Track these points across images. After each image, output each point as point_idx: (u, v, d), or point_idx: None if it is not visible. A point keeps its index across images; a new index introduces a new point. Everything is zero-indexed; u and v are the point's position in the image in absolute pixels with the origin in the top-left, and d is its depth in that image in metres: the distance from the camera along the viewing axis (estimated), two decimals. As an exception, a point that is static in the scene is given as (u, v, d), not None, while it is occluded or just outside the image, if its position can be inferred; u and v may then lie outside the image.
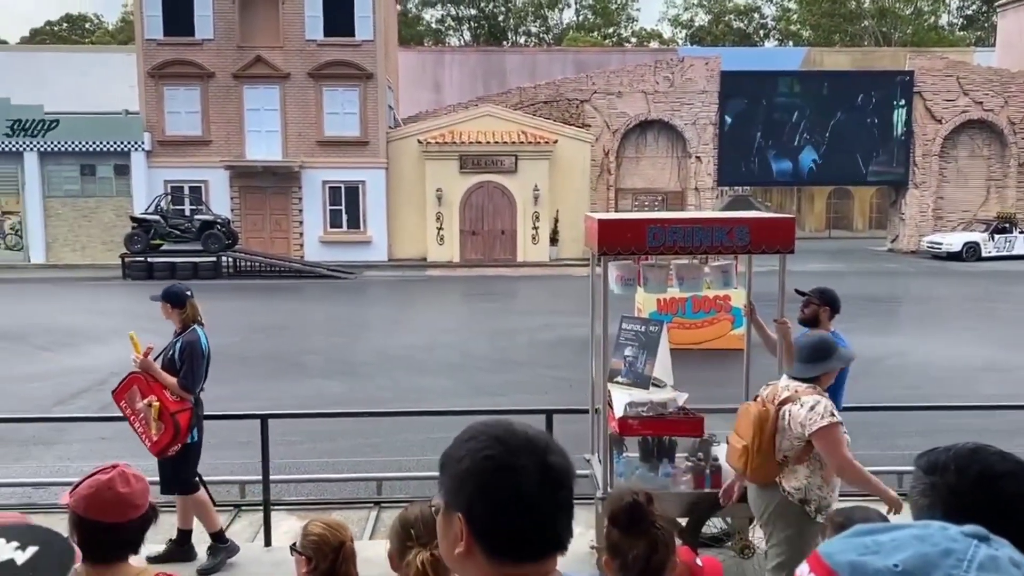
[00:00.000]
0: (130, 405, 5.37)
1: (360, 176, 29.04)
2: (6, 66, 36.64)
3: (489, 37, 58.25)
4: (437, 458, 3.71)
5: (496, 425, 1.27)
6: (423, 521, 2.41)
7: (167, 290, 5.64)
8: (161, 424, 5.26)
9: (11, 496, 7.18)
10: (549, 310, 19.35)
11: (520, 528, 1.21)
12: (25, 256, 28.61)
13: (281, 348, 14.66)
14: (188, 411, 5.39)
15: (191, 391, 5.42)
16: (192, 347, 5.42)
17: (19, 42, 55.15)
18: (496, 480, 1.20)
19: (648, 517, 2.57)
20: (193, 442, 5.48)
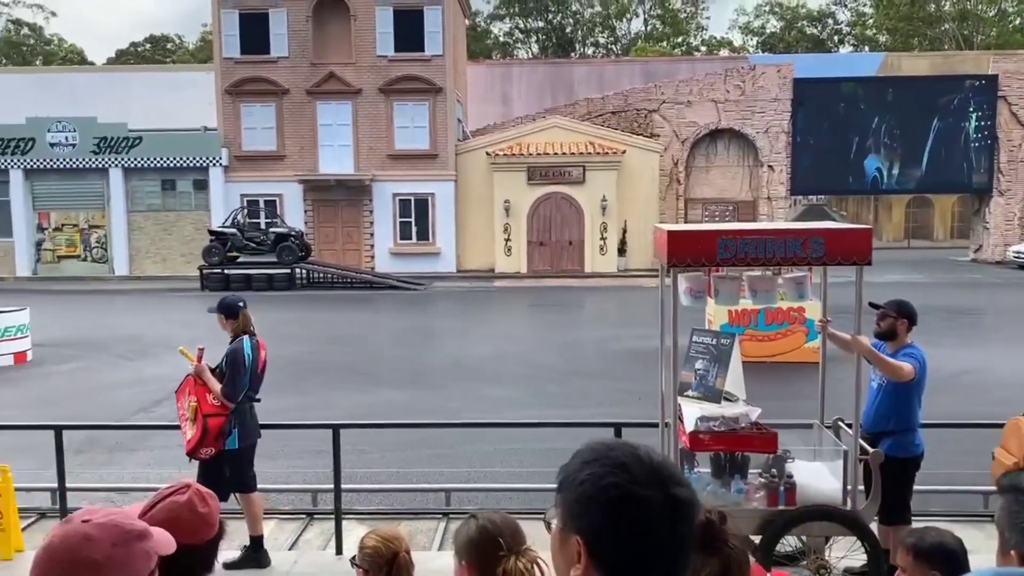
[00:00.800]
0: (183, 405, 5.60)
1: (429, 188, 29.39)
2: (93, 86, 38.28)
3: (557, 49, 58.39)
4: (505, 469, 3.70)
5: (619, 448, 1.25)
6: (509, 529, 2.39)
7: (221, 301, 5.84)
8: (195, 424, 5.43)
9: (96, 500, 7.43)
10: (617, 321, 19.23)
11: (641, 559, 1.20)
12: (110, 268, 29.76)
13: (353, 358, 14.89)
14: (222, 417, 5.49)
15: (232, 400, 5.51)
16: (235, 357, 5.57)
17: (105, 63, 57.65)
18: (619, 510, 1.19)
19: (721, 536, 2.51)
20: (234, 448, 5.55)
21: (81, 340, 16.36)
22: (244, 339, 5.66)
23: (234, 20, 29.14)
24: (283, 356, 15.09)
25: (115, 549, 1.46)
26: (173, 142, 29.31)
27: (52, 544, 1.44)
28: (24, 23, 61.39)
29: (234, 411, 5.54)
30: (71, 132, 29.06)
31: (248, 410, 5.69)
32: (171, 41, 63.95)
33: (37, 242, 29.90)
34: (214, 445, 5.44)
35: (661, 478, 1.20)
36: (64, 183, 29.56)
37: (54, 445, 6.15)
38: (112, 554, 1.44)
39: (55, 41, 62.34)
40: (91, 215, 29.87)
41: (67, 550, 1.43)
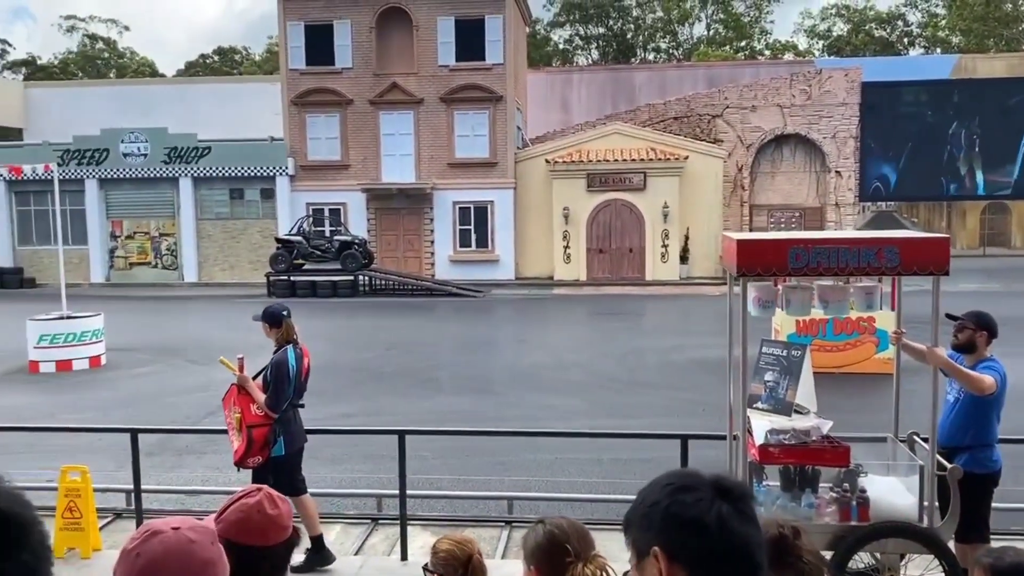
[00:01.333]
0: (229, 414, 5.65)
1: (489, 196, 29.53)
2: (164, 98, 39.55)
3: (618, 55, 58.15)
4: (567, 479, 3.64)
5: (684, 470, 1.40)
6: (576, 534, 2.36)
7: (265, 310, 5.85)
8: (240, 435, 5.48)
9: (166, 502, 7.63)
10: (680, 330, 18.99)
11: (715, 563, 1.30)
12: (179, 275, 30.61)
13: (413, 364, 15.01)
14: (266, 428, 5.53)
15: (275, 410, 5.56)
16: (279, 367, 5.60)
17: (175, 75, 59.49)
18: (685, 519, 1.30)
19: (795, 551, 2.44)
20: (281, 455, 5.59)
21: (152, 345, 16.84)
22: (288, 349, 5.70)
23: (300, 32, 29.76)
24: (346, 362, 15.32)
25: (215, 547, 1.53)
26: (241, 152, 30.03)
27: (154, 555, 1.47)
28: (99, 38, 63.77)
29: (278, 419, 5.59)
30: (143, 143, 30.00)
31: (293, 416, 5.73)
32: (238, 53, 65.64)
33: (110, 249, 30.92)
34: (260, 454, 5.50)
35: (723, 487, 1.33)
36: (136, 192, 30.53)
37: (129, 448, 6.31)
38: (215, 551, 1.52)
39: (128, 55, 64.56)
40: (162, 223, 30.77)
41: (179, 556, 1.47)
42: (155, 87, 43.00)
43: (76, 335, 14.80)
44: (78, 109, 38.97)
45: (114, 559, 1.51)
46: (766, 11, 59.08)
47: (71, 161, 29.32)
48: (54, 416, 11.20)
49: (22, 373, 14.46)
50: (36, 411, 11.39)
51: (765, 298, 5.23)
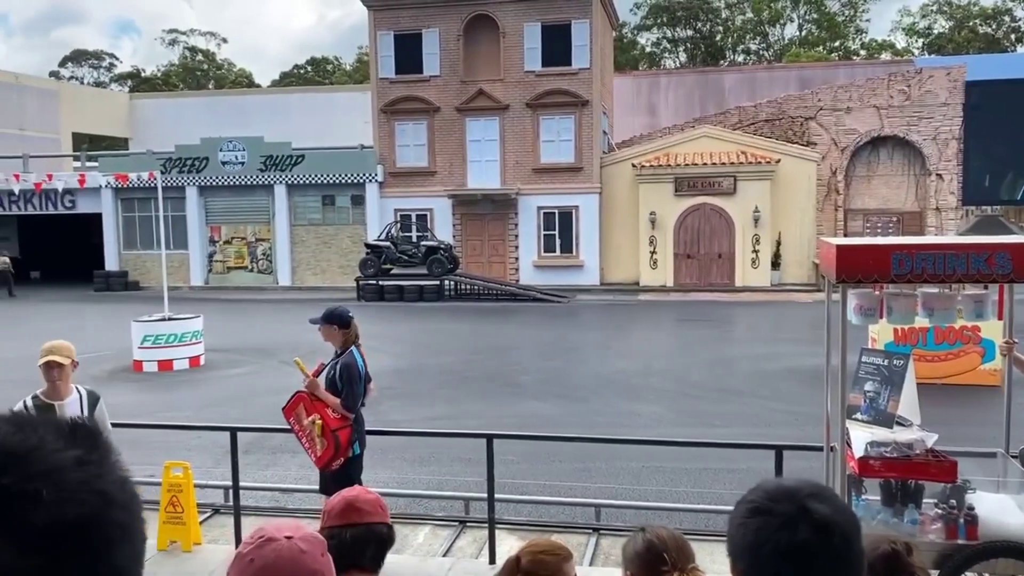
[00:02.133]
0: (298, 421, 5.66)
1: (574, 201, 29.46)
2: (260, 107, 40.99)
3: (706, 57, 57.27)
4: (655, 487, 3.60)
5: (765, 482, 1.38)
6: (675, 545, 2.34)
7: (333, 312, 5.82)
8: (324, 440, 5.52)
9: (261, 499, 7.84)
10: (772, 338, 18.51)
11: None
12: (274, 279, 31.58)
13: (498, 369, 15.07)
14: (348, 428, 5.60)
15: (352, 410, 5.62)
16: (349, 369, 5.61)
17: (270, 85, 61.53)
18: (757, 528, 1.29)
19: (907, 568, 2.34)
20: (355, 455, 5.70)
21: (248, 346, 17.40)
22: (354, 351, 5.72)
23: (389, 41, 30.35)
24: (432, 365, 15.52)
25: (324, 558, 1.63)
26: (332, 160, 30.80)
27: (267, 561, 1.56)
28: (199, 50, 66.54)
29: (355, 420, 5.68)
30: (240, 151, 31.08)
31: (361, 418, 5.83)
32: (330, 63, 67.44)
33: (209, 254, 32.13)
34: (344, 455, 5.60)
35: (796, 496, 1.29)
36: (234, 199, 31.65)
37: (227, 445, 6.52)
38: (325, 562, 1.62)
39: (226, 66, 67.15)
40: (257, 229, 31.81)
41: (290, 564, 1.56)
42: (251, 97, 44.58)
43: (177, 336, 15.42)
44: (179, 119, 40.77)
45: (213, 553, 1.60)
46: (861, 10, 57.20)
47: (173, 169, 30.61)
48: (157, 414, 11.69)
49: (127, 372, 15.14)
50: (140, 408, 11.90)
51: (867, 306, 5.03)
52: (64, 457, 0.72)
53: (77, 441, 0.75)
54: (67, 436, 0.75)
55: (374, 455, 9.38)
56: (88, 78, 61.99)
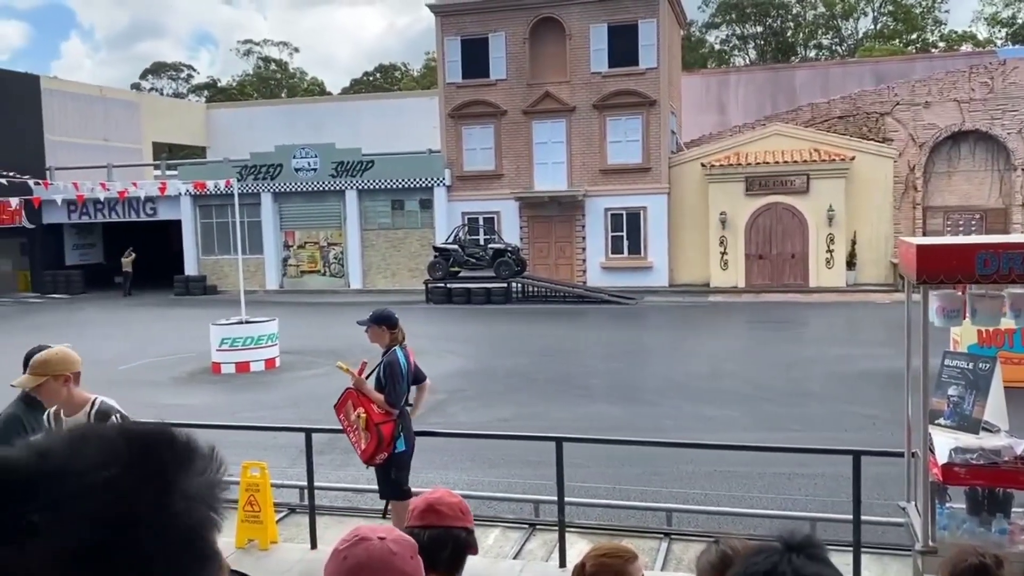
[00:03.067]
0: (347, 417, 5.93)
1: (642, 202, 29.21)
2: (331, 115, 41.80)
3: (776, 54, 56.13)
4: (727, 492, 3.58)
5: None
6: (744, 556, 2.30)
7: (381, 314, 6.09)
8: (368, 434, 5.76)
9: (335, 499, 7.99)
10: (848, 339, 18.04)
11: None
12: (346, 282, 32.15)
13: (566, 371, 15.04)
14: (391, 423, 5.84)
15: (395, 406, 5.87)
16: (392, 367, 5.88)
17: (340, 92, 62.72)
18: None
19: (997, 582, 2.25)
20: (401, 451, 5.91)
21: (321, 348, 17.74)
22: (396, 350, 5.97)
23: (456, 46, 30.61)
24: (500, 367, 15.57)
25: (414, 561, 1.72)
26: (401, 164, 31.21)
27: (360, 559, 1.66)
28: (272, 60, 68.25)
29: (399, 416, 5.90)
30: (313, 158, 31.75)
31: (406, 415, 6.03)
32: (398, 69, 68.41)
33: (283, 258, 32.89)
34: (387, 450, 5.82)
35: (791, 542, 1.43)
36: (306, 204, 32.34)
37: (302, 446, 6.67)
38: (414, 565, 1.72)
39: (298, 75, 68.72)
40: (330, 233, 32.43)
41: (380, 563, 1.66)
42: (323, 105, 45.52)
43: (254, 339, 15.83)
44: (254, 127, 41.88)
45: (289, 551, 1.71)
46: (940, 0, 55.28)
47: (248, 176, 31.44)
48: (235, 414, 12.01)
49: (206, 374, 15.61)
50: (219, 409, 12.26)
51: (950, 307, 4.86)
52: (85, 482, 0.68)
53: (124, 457, 0.70)
54: (113, 453, 0.71)
55: (443, 456, 9.49)
56: (167, 89, 64.22)
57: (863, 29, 57.03)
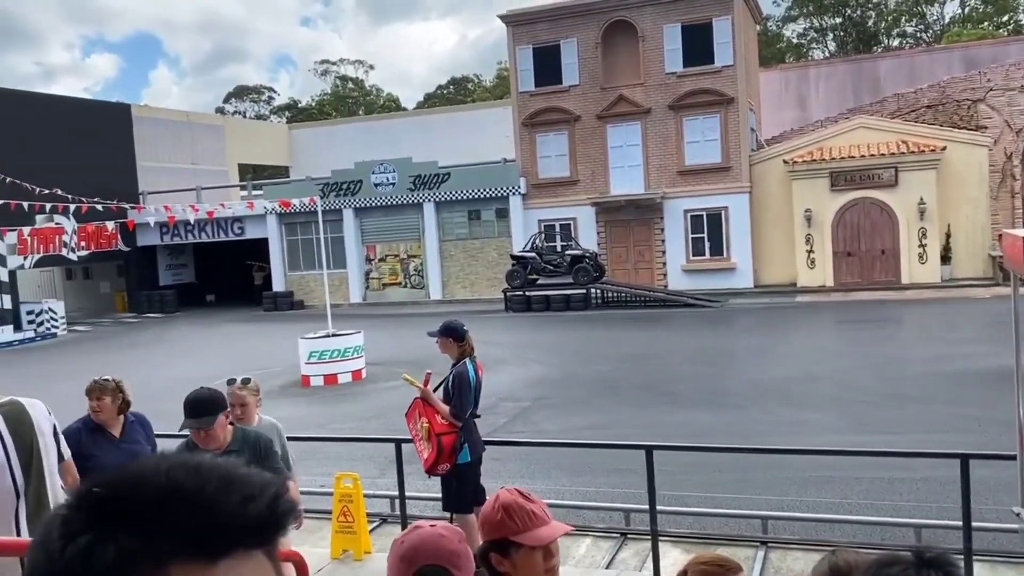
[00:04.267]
0: (414, 426, 5.95)
1: (722, 202, 28.68)
2: (406, 129, 42.48)
3: (858, 44, 54.46)
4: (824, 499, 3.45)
5: None
6: (859, 570, 2.20)
7: (448, 325, 6.07)
8: (428, 444, 5.74)
9: (424, 508, 8.03)
10: (945, 337, 17.29)
11: None
12: (426, 293, 32.54)
13: (650, 377, 14.84)
14: (453, 434, 5.81)
15: (459, 418, 5.84)
16: (461, 378, 5.87)
17: (415, 107, 63.71)
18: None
19: None
20: (466, 462, 5.85)
21: (405, 359, 17.95)
22: (466, 362, 5.96)
23: (528, 55, 30.70)
24: (583, 374, 15.47)
25: (461, 544, 1.94)
26: (477, 175, 31.45)
27: (413, 542, 1.92)
28: (349, 78, 69.82)
29: (463, 427, 5.86)
30: (391, 172, 32.28)
31: (473, 426, 6.00)
32: (471, 81, 69.08)
33: (366, 272, 33.51)
34: (448, 461, 5.78)
35: (925, 557, 1.37)
36: (386, 218, 32.89)
37: (391, 455, 6.73)
38: (461, 547, 1.94)
39: (374, 92, 70.11)
40: (409, 246, 32.90)
41: (431, 543, 1.91)
42: (399, 120, 46.31)
43: (340, 351, 16.15)
44: (334, 145, 42.90)
45: (382, 562, 1.89)
46: (1033, -21, 52.69)
47: (330, 193, 32.17)
48: (325, 426, 12.27)
49: (296, 386, 15.99)
50: (310, 421, 12.52)
51: (1063, 300, 4.58)
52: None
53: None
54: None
55: (528, 465, 9.46)
56: (250, 112, 66.39)
57: (949, 14, 54.90)
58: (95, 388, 4.70)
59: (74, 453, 4.28)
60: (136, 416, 4.88)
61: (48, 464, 3.71)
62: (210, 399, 4.38)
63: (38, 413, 3.72)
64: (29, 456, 3.61)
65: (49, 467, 3.72)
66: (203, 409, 4.29)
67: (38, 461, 3.65)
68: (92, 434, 4.62)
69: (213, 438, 4.32)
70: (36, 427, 3.68)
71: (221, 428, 4.37)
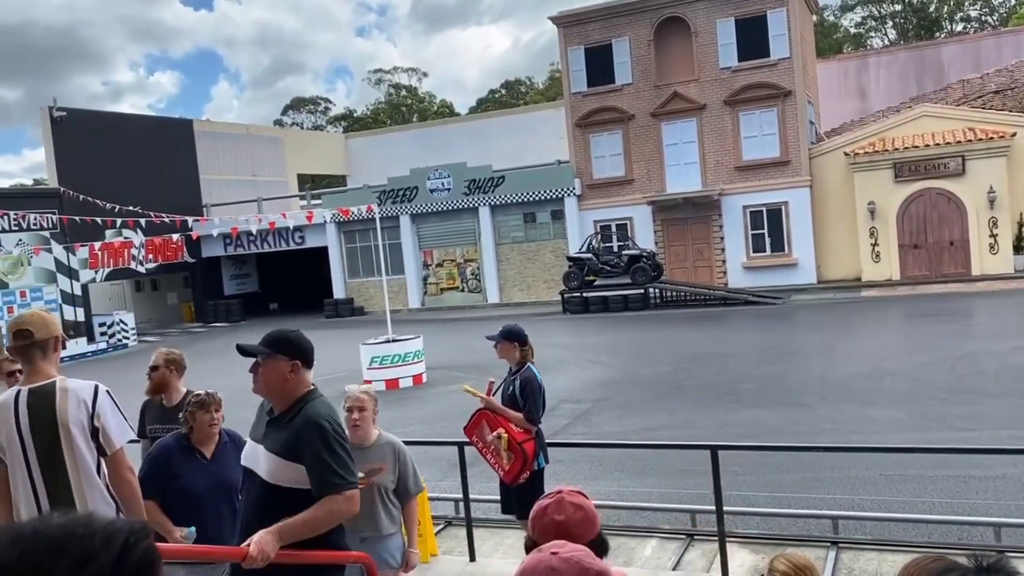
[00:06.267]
0: (481, 439, 5.82)
1: (782, 197, 28.17)
2: (461, 135, 42.76)
3: (919, 31, 53.00)
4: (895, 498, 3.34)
5: None
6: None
7: (511, 330, 5.94)
8: (511, 454, 5.63)
9: (488, 511, 8.05)
10: (1020, 330, 16.69)
11: None
12: (483, 297, 32.67)
13: (713, 376, 14.64)
14: (532, 440, 5.70)
15: (535, 423, 5.74)
16: (531, 383, 5.74)
17: (468, 112, 64.08)
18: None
19: None
20: (540, 468, 5.77)
21: (465, 363, 18.07)
22: (531, 366, 5.86)
23: (580, 56, 30.61)
24: (645, 375, 15.35)
25: None
26: (531, 178, 31.48)
27: (524, 571, 1.62)
28: (402, 86, 70.57)
29: (537, 433, 5.78)
30: (446, 178, 32.52)
31: (541, 431, 5.90)
32: (523, 84, 69.20)
33: (423, 277, 33.81)
34: (530, 468, 5.69)
35: (985, 564, 1.30)
36: (442, 224, 33.14)
37: (454, 458, 6.77)
38: None
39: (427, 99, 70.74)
40: (466, 250, 33.08)
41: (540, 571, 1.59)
42: (452, 126, 46.63)
43: (401, 356, 16.33)
44: (389, 153, 43.41)
45: (449, 564, 1.71)
46: (1105, -46, 50.63)
47: (387, 200, 32.56)
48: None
49: (358, 392, 16.18)
50: (372, 426, 12.64)
51: None
52: None
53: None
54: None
55: (592, 468, 9.42)
56: (307, 123, 67.59)
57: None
58: (208, 402, 4.35)
59: (161, 471, 4.22)
60: (230, 435, 4.50)
61: (76, 457, 3.43)
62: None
63: (71, 401, 3.42)
64: (48, 445, 3.39)
65: (78, 460, 3.43)
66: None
67: (59, 451, 3.41)
68: (184, 452, 4.33)
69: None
70: (61, 416, 3.39)
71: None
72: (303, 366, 3.32)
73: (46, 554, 0.63)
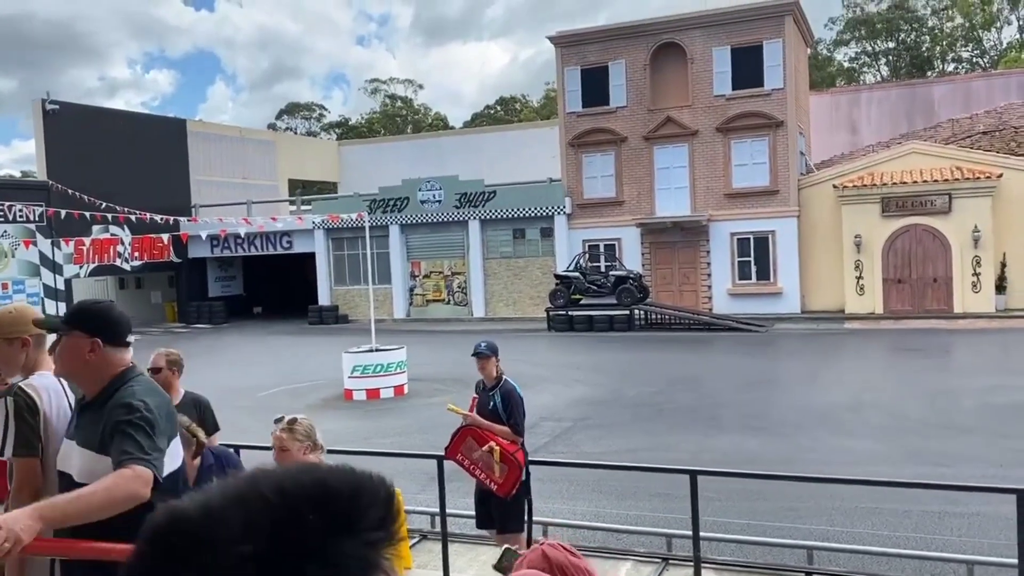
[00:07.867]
0: (467, 456, 5.87)
1: (769, 226, 28.37)
2: (454, 148, 42.87)
3: (911, 69, 53.67)
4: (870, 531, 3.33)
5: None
6: None
7: (490, 345, 6.14)
8: (504, 466, 5.70)
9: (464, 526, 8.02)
10: (1000, 368, 16.83)
11: None
12: (469, 310, 32.66)
13: (695, 401, 14.68)
14: (521, 451, 5.88)
15: (521, 433, 5.91)
16: (512, 395, 5.95)
17: (462, 126, 64.25)
18: None
19: None
20: (528, 478, 5.93)
21: (447, 375, 18.03)
22: (509, 380, 6.06)
23: (576, 76, 30.81)
24: (627, 396, 15.36)
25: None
26: (522, 194, 31.57)
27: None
28: (398, 97, 70.70)
29: (521, 444, 5.94)
30: (438, 190, 32.56)
31: (524, 444, 6.05)
32: (518, 101, 69.48)
33: (410, 288, 33.77)
34: (522, 477, 5.83)
35: None
36: (431, 235, 33.16)
37: (432, 472, 6.75)
38: None
39: (422, 111, 70.88)
40: (453, 263, 33.09)
41: None
42: (446, 139, 46.76)
43: (383, 366, 16.27)
44: (382, 162, 43.44)
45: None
46: (1095, 3, 51.53)
47: (377, 209, 32.56)
48: (367, 440, 12.34)
49: (339, 400, 16.13)
50: (351, 435, 12.61)
51: None
52: (223, 557, 0.69)
53: (267, 529, 0.71)
54: (257, 524, 0.70)
55: (569, 487, 9.41)
56: (300, 128, 67.53)
57: (1007, 39, 53.83)
58: (187, 441, 3.59)
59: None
60: (216, 454, 4.24)
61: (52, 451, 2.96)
62: None
63: (46, 398, 3.04)
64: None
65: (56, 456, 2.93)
66: None
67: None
68: None
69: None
70: (43, 412, 3.01)
71: None
72: (106, 343, 2.82)
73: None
